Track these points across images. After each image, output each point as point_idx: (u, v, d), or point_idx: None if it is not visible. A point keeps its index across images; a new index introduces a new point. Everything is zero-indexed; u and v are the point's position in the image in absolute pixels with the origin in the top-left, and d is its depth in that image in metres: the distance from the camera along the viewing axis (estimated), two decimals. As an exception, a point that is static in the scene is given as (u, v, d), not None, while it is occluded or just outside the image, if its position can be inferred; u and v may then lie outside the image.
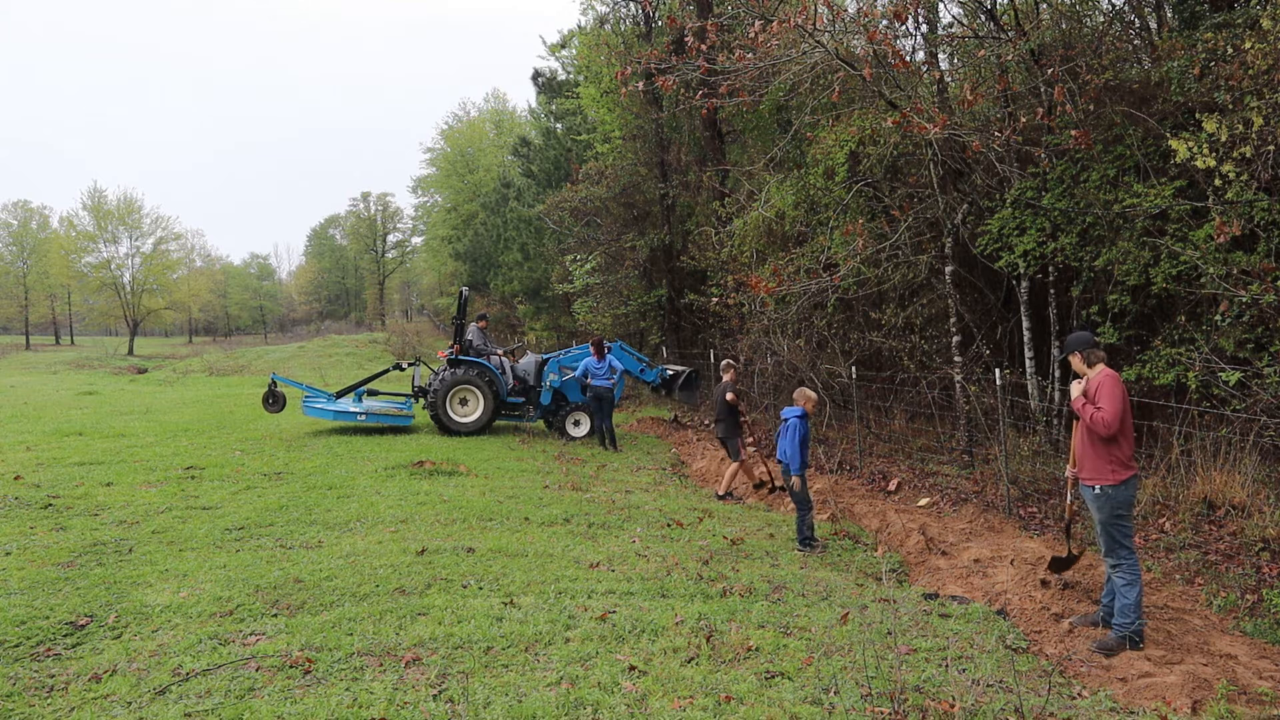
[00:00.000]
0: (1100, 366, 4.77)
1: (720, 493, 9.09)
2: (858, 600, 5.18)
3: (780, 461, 7.15)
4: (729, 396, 8.97)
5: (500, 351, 12.54)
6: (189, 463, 9.24)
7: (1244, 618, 4.95)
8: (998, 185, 8.79)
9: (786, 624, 4.60)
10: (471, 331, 12.56)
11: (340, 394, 12.30)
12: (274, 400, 12.10)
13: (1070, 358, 4.92)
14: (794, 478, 6.89)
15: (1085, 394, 4.76)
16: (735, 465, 9.11)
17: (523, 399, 12.37)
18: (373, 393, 12.70)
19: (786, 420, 7.08)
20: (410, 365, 12.98)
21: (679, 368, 12.88)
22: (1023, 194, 8.25)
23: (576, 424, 12.25)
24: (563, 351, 13.22)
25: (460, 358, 11.96)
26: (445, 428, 11.77)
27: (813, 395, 7.28)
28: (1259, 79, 6.21)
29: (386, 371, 13.26)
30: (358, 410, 11.67)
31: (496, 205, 35.05)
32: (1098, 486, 4.61)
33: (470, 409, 11.83)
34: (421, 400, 12.35)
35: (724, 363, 9.46)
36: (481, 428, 11.76)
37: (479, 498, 7.61)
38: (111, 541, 5.94)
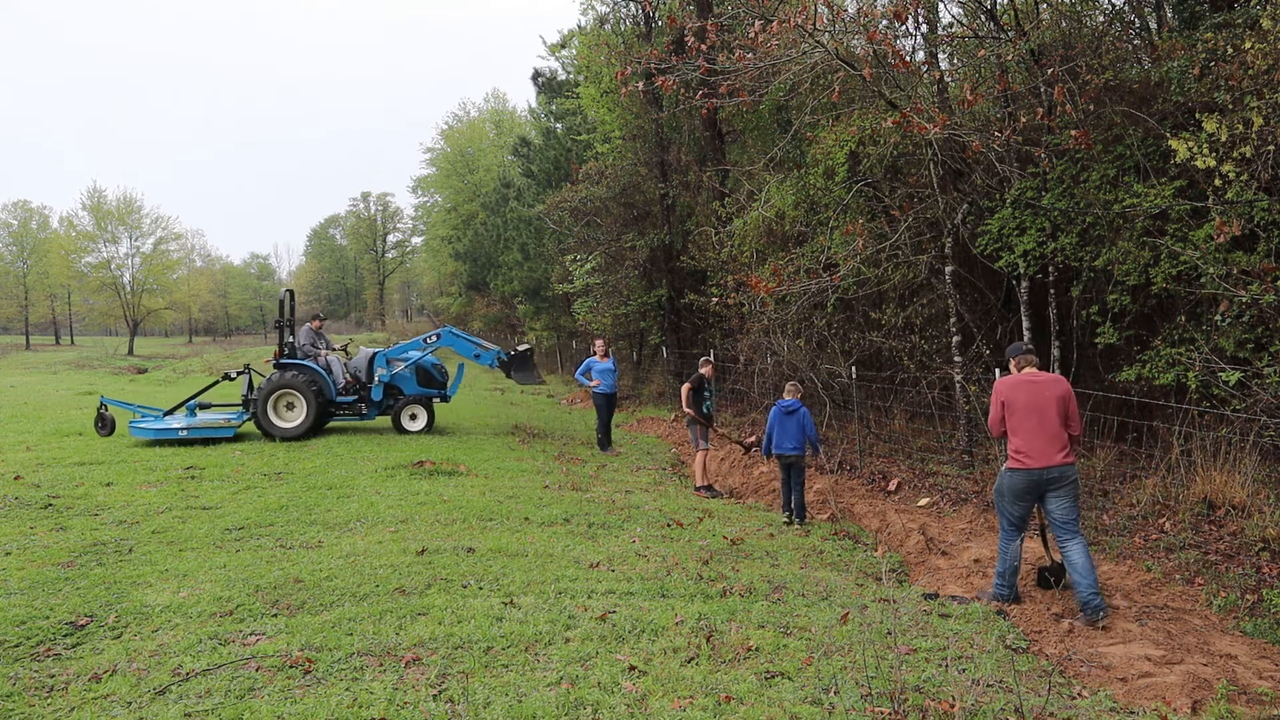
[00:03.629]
0: (1020, 371, 5.35)
1: (697, 485, 9.34)
2: (858, 600, 5.18)
3: (786, 452, 7.86)
4: (685, 386, 9.41)
5: (327, 350, 12.00)
6: (189, 463, 9.24)
7: (1244, 618, 4.95)
8: (998, 185, 8.79)
9: (786, 624, 4.60)
10: (302, 333, 12.07)
11: (170, 411, 11.70)
12: (103, 424, 11.40)
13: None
14: (818, 456, 8.26)
15: None
16: (701, 455, 9.38)
17: (355, 397, 11.84)
18: (204, 406, 12.10)
19: (798, 411, 7.86)
20: (239, 374, 12.16)
21: (522, 348, 12.39)
22: (1023, 194, 8.25)
23: (413, 418, 11.74)
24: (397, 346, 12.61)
25: (285, 360, 11.47)
26: (270, 435, 11.09)
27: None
28: (1259, 79, 6.21)
29: (216, 384, 12.64)
30: (179, 426, 10.96)
31: (496, 205, 35.05)
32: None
33: (296, 413, 11.21)
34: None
35: (701, 359, 9.80)
36: (306, 432, 11.07)
37: (479, 498, 7.61)
38: (111, 541, 5.94)
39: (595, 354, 11.92)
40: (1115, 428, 7.86)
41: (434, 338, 12.12)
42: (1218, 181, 6.34)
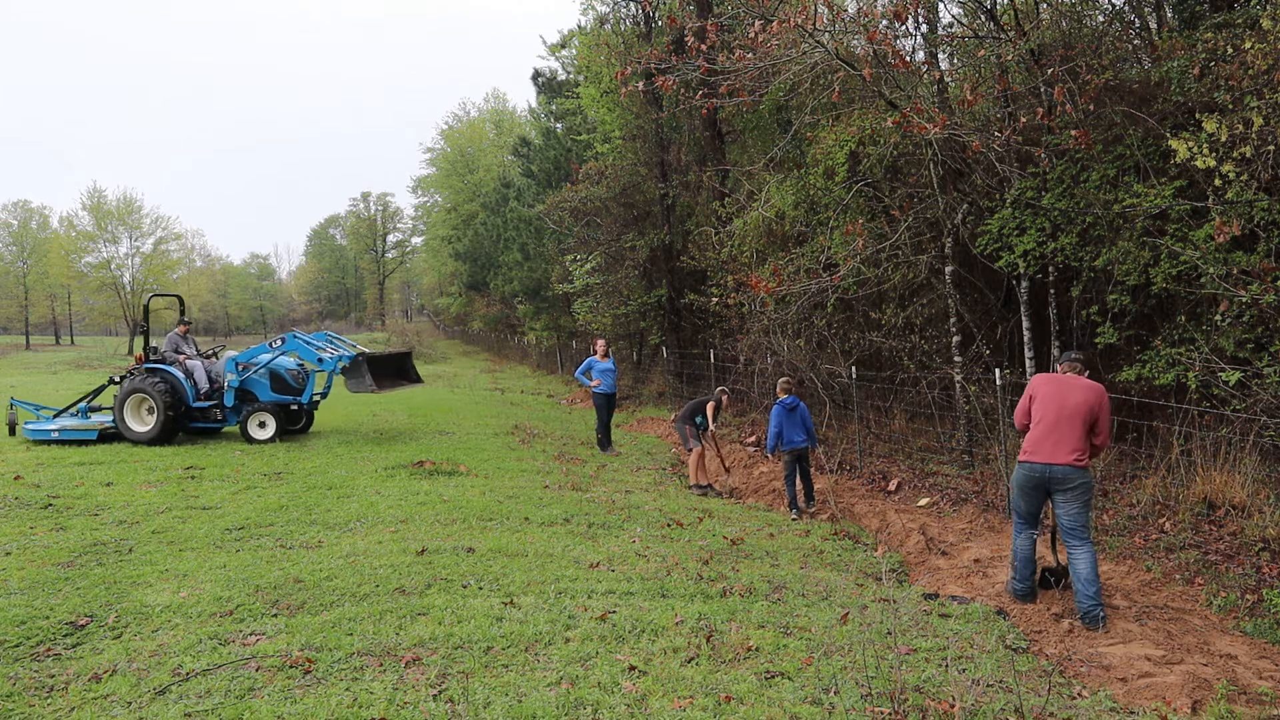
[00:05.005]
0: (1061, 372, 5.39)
1: (693, 483, 9.53)
2: (858, 600, 5.18)
3: (797, 444, 8.33)
4: (710, 406, 9.72)
5: (186, 355, 11.68)
6: (189, 463, 9.25)
7: (1244, 618, 4.95)
8: (998, 185, 8.78)
9: (786, 624, 4.60)
10: (167, 339, 11.79)
11: (60, 413, 11.62)
12: (10, 426, 11.45)
13: None
14: (816, 450, 8.88)
15: None
16: (696, 453, 9.57)
17: (213, 403, 11.46)
18: (96, 408, 11.98)
19: (798, 406, 8.41)
20: (123, 378, 11.74)
21: (362, 353, 11.56)
22: (1023, 194, 8.25)
23: (261, 425, 11.04)
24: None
25: (148, 365, 11.33)
26: (129, 440, 10.84)
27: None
28: (1259, 79, 6.21)
29: (104, 387, 12.29)
30: (53, 428, 11.02)
31: (496, 205, 35.09)
32: None
33: (152, 418, 10.95)
34: None
35: (720, 389, 10.00)
36: (157, 438, 10.69)
37: (479, 498, 7.61)
38: (111, 541, 5.94)
39: (596, 354, 11.92)
40: (1115, 428, 7.87)
41: (279, 341, 11.52)
42: (1218, 181, 6.34)
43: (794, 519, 8.10)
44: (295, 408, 11.65)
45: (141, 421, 10.93)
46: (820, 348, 11.51)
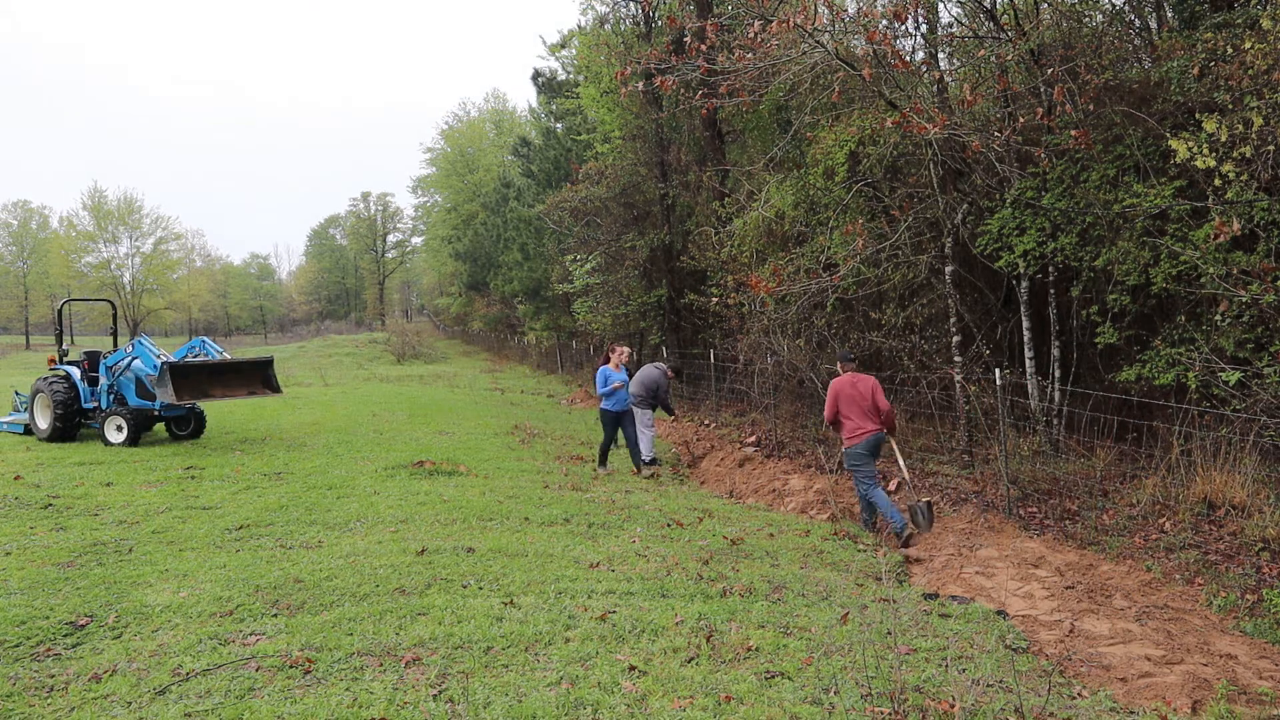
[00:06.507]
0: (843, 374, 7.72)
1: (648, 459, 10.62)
2: (858, 600, 5.18)
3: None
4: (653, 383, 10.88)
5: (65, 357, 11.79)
6: (189, 463, 9.24)
7: (1244, 618, 4.95)
8: (998, 185, 8.79)
9: (786, 624, 4.60)
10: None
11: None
12: None
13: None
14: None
15: None
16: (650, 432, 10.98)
17: (93, 404, 11.41)
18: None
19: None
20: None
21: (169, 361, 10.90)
22: (1023, 194, 8.25)
23: (119, 429, 10.72)
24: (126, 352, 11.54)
25: (56, 365, 11.59)
26: (36, 436, 11.20)
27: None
28: (1259, 79, 6.21)
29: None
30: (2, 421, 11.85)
31: (496, 205, 35.14)
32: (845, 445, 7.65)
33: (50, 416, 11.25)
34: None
35: (666, 359, 11.13)
36: (53, 437, 10.91)
37: (479, 498, 7.61)
38: (111, 541, 5.94)
39: (612, 362, 10.17)
40: (1115, 428, 7.87)
41: (130, 347, 11.21)
42: (1218, 181, 6.34)
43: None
44: (157, 413, 11.15)
45: (44, 419, 11.28)
46: (820, 348, 11.51)
